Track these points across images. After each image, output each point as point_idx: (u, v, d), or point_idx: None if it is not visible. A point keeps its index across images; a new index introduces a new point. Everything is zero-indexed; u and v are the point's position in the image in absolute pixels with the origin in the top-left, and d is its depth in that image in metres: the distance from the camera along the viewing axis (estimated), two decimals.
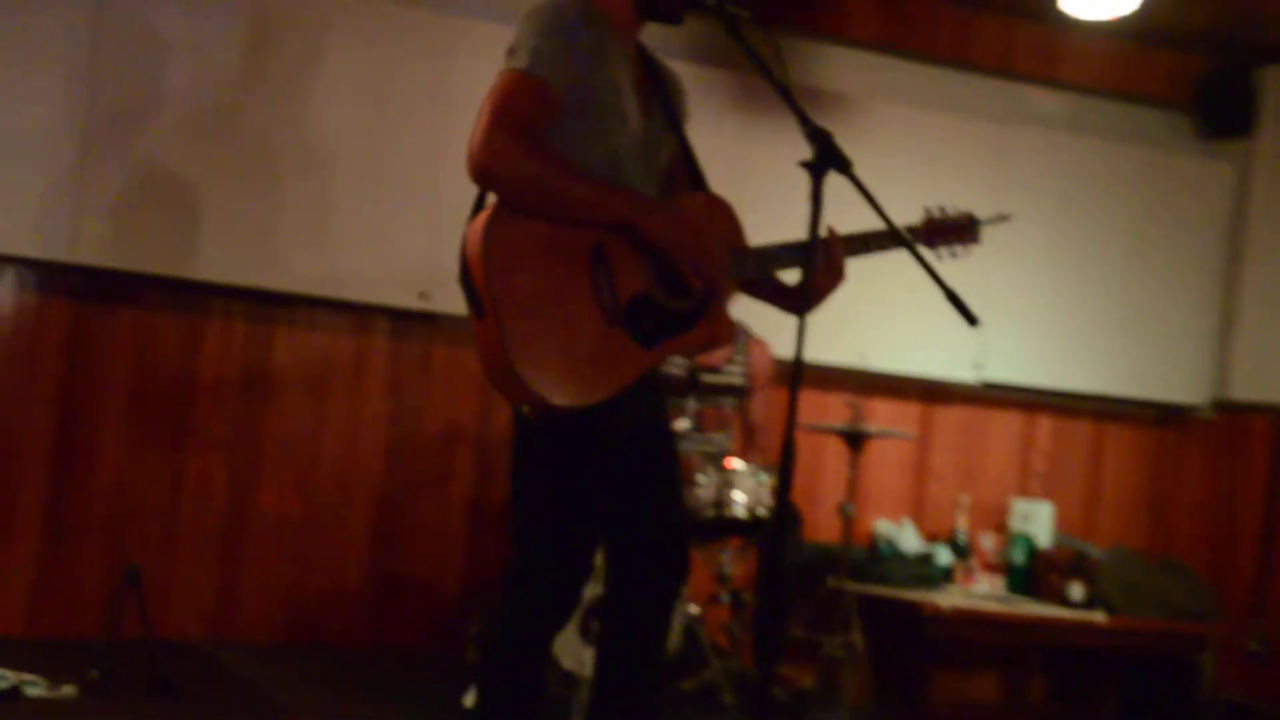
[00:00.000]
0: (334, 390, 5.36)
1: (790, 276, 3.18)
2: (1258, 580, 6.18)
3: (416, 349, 5.45)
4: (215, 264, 5.04)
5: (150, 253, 4.97)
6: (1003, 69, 6.29)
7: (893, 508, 6.23)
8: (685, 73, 3.16)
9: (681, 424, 4.58)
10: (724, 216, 3.10)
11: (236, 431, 5.21)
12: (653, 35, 3.07)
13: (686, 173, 3.16)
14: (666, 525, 3.12)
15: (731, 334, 3.07)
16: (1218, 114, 6.53)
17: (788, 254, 3.07)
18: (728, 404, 5.22)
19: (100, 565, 4.97)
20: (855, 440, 4.94)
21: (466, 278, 2.79)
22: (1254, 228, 6.48)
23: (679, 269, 2.89)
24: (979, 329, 3.09)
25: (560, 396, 2.78)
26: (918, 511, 6.26)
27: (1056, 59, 6.35)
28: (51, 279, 4.98)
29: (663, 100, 3.11)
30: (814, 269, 2.78)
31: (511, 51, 2.86)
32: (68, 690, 3.99)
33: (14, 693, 3.90)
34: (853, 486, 5.00)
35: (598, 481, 3.02)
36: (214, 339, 5.18)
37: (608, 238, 2.86)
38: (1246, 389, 6.40)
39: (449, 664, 5.02)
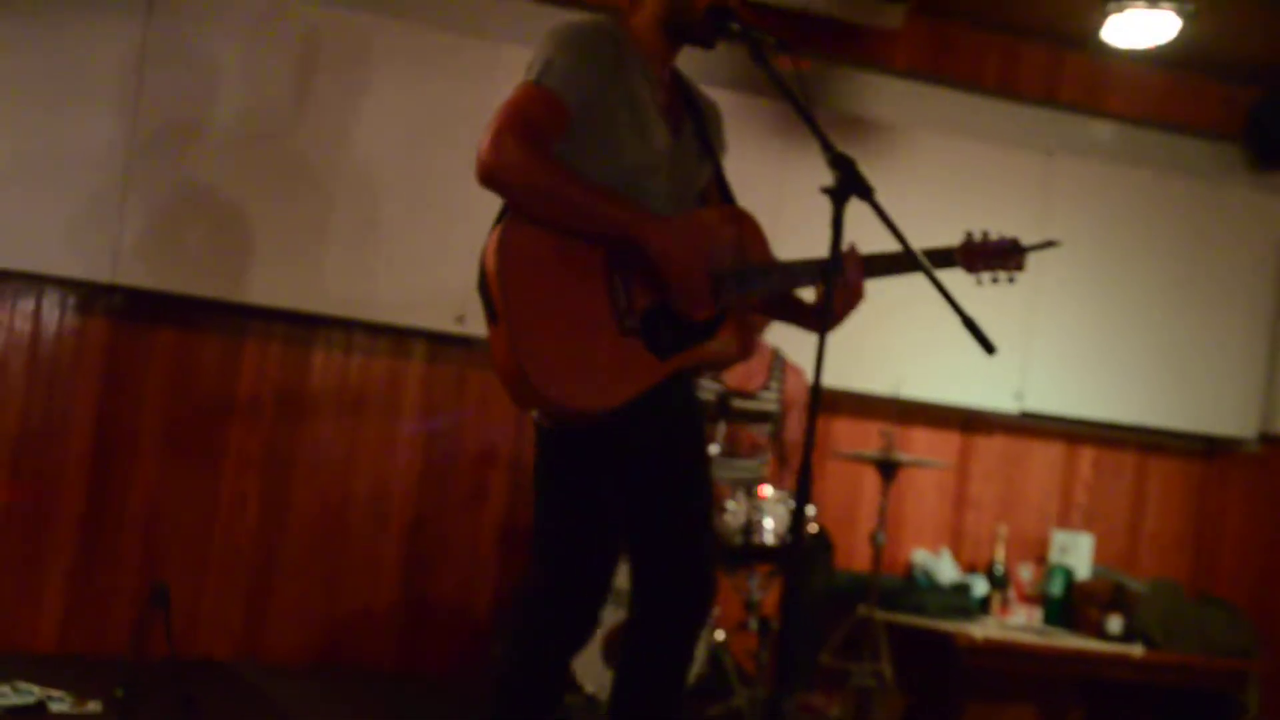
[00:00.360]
0: (369, 412, 5.38)
1: (809, 295, 3.18)
2: None
3: (452, 372, 5.47)
4: (256, 286, 5.08)
5: (190, 274, 5.03)
6: (1049, 99, 6.25)
7: (931, 537, 6.18)
8: (728, 100, 3.16)
9: (711, 449, 4.57)
10: (748, 230, 3.09)
11: (271, 452, 5.23)
12: (697, 63, 3.07)
13: (718, 197, 3.16)
14: (694, 551, 3.10)
15: (753, 348, 3.07)
16: (1268, 144, 6.46)
17: (803, 271, 3.06)
18: (762, 430, 5.20)
19: (132, 584, 5.02)
20: (888, 469, 4.90)
21: (483, 284, 2.83)
22: None
23: (674, 292, 2.89)
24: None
25: (569, 400, 2.80)
26: (956, 541, 6.21)
27: (1103, 89, 6.31)
28: (92, 299, 5.03)
29: (696, 125, 3.12)
30: (830, 289, 2.76)
31: (529, 67, 2.90)
32: (92, 706, 4.02)
33: (40, 708, 3.94)
34: (884, 515, 4.96)
35: (617, 496, 3.01)
36: (251, 360, 5.21)
37: (624, 248, 2.88)
38: None
39: (478, 690, 5.00)
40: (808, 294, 3.22)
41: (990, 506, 6.28)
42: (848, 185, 2.75)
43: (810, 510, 4.58)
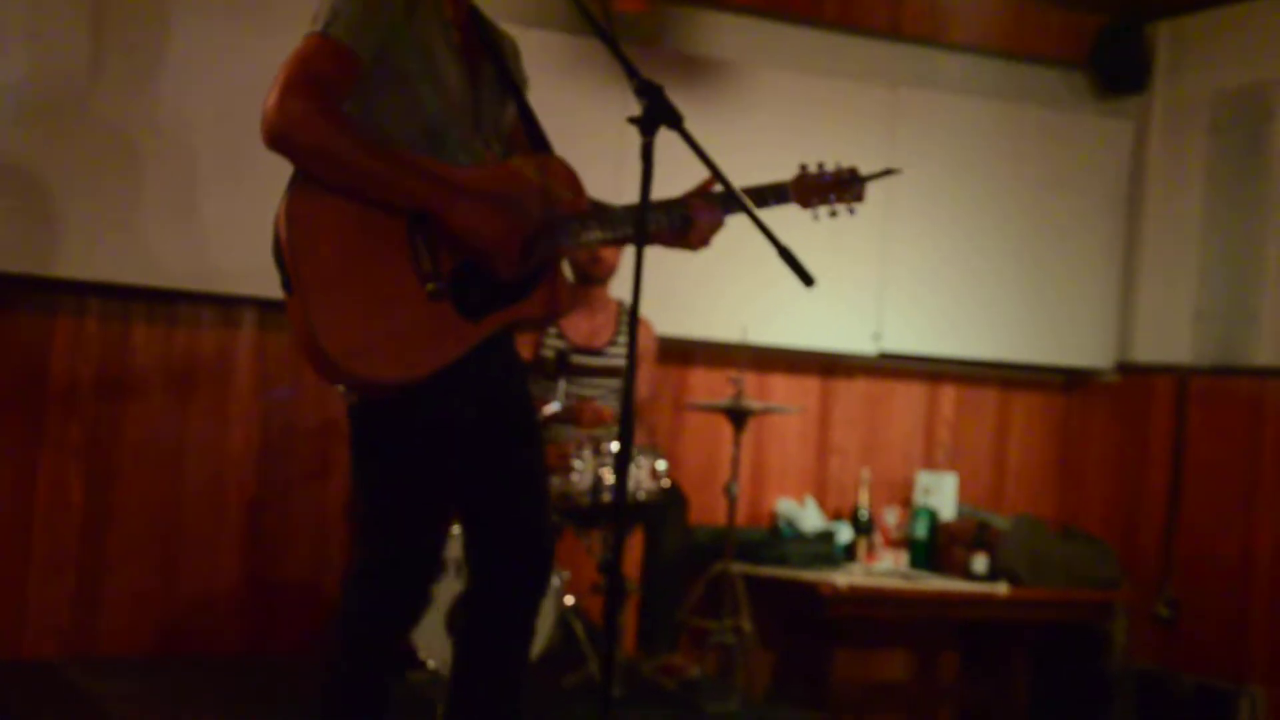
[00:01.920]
0: (198, 387, 5.10)
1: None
2: (1165, 545, 6.06)
3: (286, 341, 5.20)
4: (64, 259, 4.77)
5: None
6: (892, 32, 6.11)
7: (795, 486, 6.06)
8: (552, 42, 2.93)
9: (551, 407, 4.37)
10: (558, 176, 2.90)
11: (93, 436, 4.94)
12: (532, 3, 2.84)
13: (528, 136, 2.97)
14: (526, 517, 2.93)
15: (570, 304, 2.89)
16: (1113, 70, 6.41)
17: (620, 219, 2.87)
18: (611, 385, 5.02)
19: None
20: (738, 417, 4.74)
21: (277, 252, 2.63)
22: (1152, 184, 6.37)
23: (481, 260, 2.70)
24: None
25: (372, 372, 2.62)
26: (821, 489, 6.10)
27: (947, 21, 6.18)
28: None
29: (497, 65, 2.92)
30: (644, 233, 2.58)
31: (314, 16, 2.69)
32: None
33: None
34: (737, 465, 4.80)
35: (436, 467, 2.83)
36: (64, 338, 4.90)
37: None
38: (1149, 350, 6.29)
39: None
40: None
41: (854, 451, 6.17)
42: (656, 114, 2.58)
43: (662, 465, 4.43)
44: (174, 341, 5.07)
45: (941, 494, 5.96)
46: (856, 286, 5.93)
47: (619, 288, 5.22)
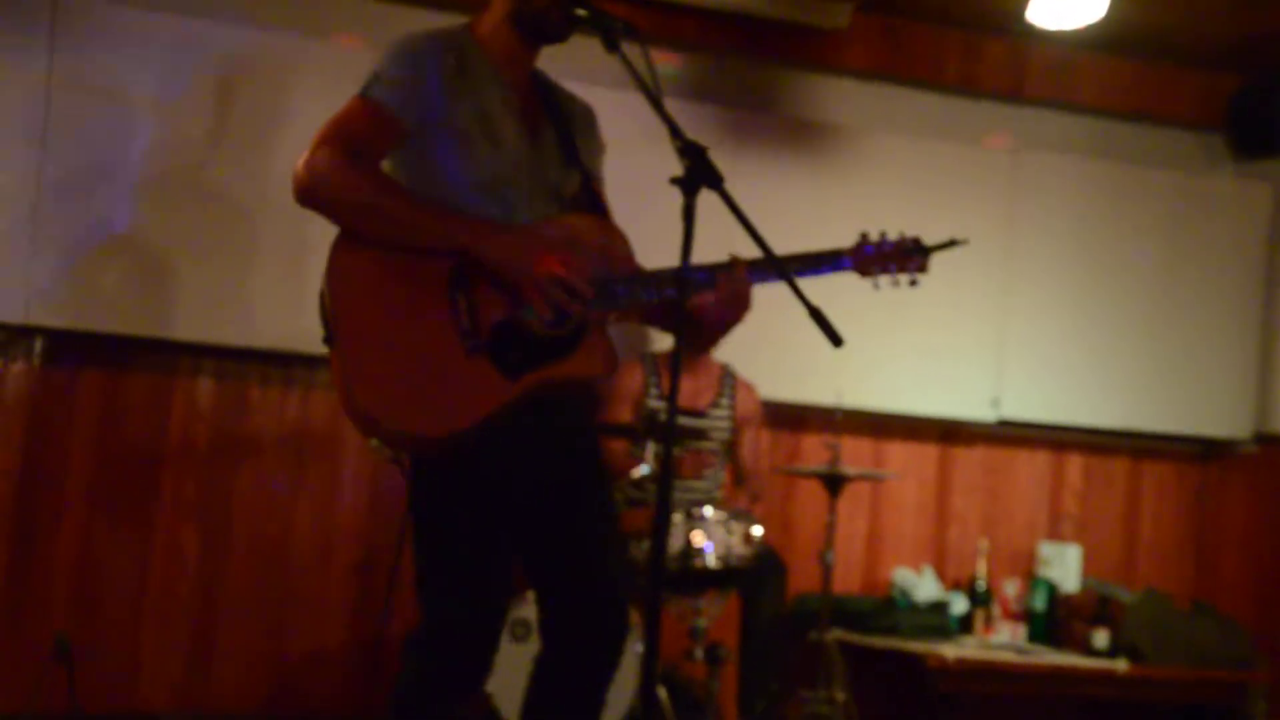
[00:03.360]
0: (310, 447, 5.20)
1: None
2: None
3: None
4: (182, 322, 4.91)
5: (111, 313, 4.86)
6: (1013, 94, 6.01)
7: (912, 555, 5.93)
8: (673, 109, 2.89)
9: (639, 470, 4.35)
10: (614, 242, 2.90)
11: (207, 495, 5.05)
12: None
13: (586, 200, 2.98)
14: (594, 582, 2.90)
15: (614, 364, 2.87)
16: (1251, 133, 6.20)
17: (666, 280, 2.86)
18: (709, 446, 4.99)
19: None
20: (834, 483, 4.66)
21: (321, 307, 2.68)
22: None
23: (522, 293, 2.71)
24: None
25: (405, 425, 2.65)
26: (939, 559, 5.96)
27: (1072, 81, 6.06)
28: (7, 344, 4.86)
29: (560, 129, 2.95)
30: (685, 292, 2.56)
31: (360, 82, 2.75)
32: None
33: None
34: (832, 531, 4.72)
35: (486, 531, 2.82)
36: (181, 399, 5.04)
37: (466, 262, 2.71)
38: None
39: None
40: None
41: (974, 520, 6.02)
42: (698, 175, 2.57)
43: (757, 530, 4.37)
44: (287, 403, 5.17)
45: (1064, 566, 5.77)
46: (976, 352, 5.82)
47: (726, 351, 5.20)
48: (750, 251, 2.76)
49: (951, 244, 3.09)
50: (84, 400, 4.95)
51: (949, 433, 5.99)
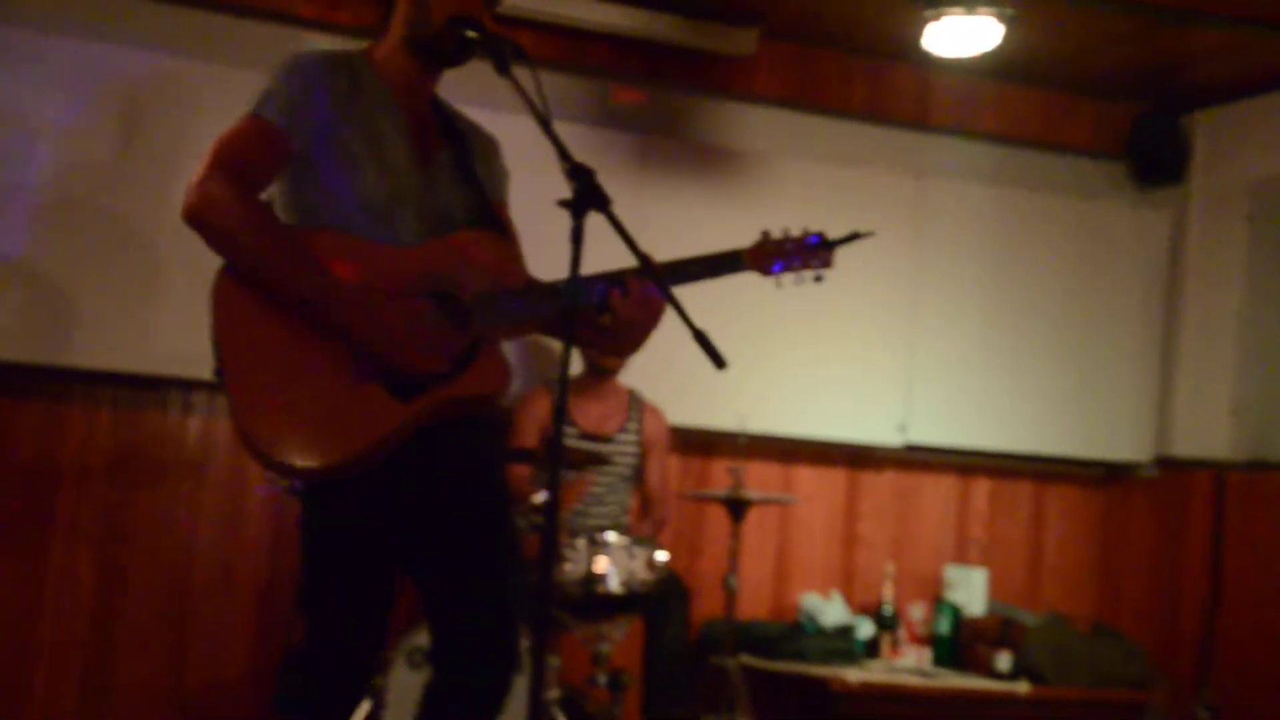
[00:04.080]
0: (212, 475, 5.13)
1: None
2: (1203, 645, 5.87)
3: None
4: (79, 349, 4.84)
5: (7, 339, 4.77)
6: (918, 121, 6.08)
7: (822, 580, 5.95)
8: (581, 135, 2.90)
9: (540, 496, 4.34)
10: (500, 254, 2.89)
11: (105, 524, 4.97)
12: (551, 96, 2.79)
13: (482, 217, 2.96)
14: (483, 608, 2.89)
15: (505, 381, 2.84)
16: (1149, 161, 6.31)
17: (555, 292, 2.85)
18: (620, 472, 4.99)
19: None
20: (736, 508, 4.68)
21: (212, 334, 2.64)
22: (1190, 275, 6.24)
23: (385, 358, 2.68)
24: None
25: (299, 457, 2.61)
26: (848, 583, 5.98)
27: (975, 110, 6.14)
28: None
29: (457, 154, 2.94)
30: (571, 309, 2.55)
31: (252, 98, 2.72)
32: None
33: None
34: (735, 556, 4.73)
35: (370, 552, 2.80)
36: (77, 426, 4.96)
37: None
38: (1188, 444, 6.13)
39: None
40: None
41: (882, 545, 6.06)
42: (585, 198, 2.56)
43: (661, 556, 4.37)
44: (186, 430, 5.11)
45: (970, 589, 5.82)
46: (883, 377, 5.86)
47: (632, 376, 5.20)
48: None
49: (855, 236, 3.06)
50: None
51: (857, 458, 6.03)
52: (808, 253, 3.03)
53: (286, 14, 5.15)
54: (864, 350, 5.84)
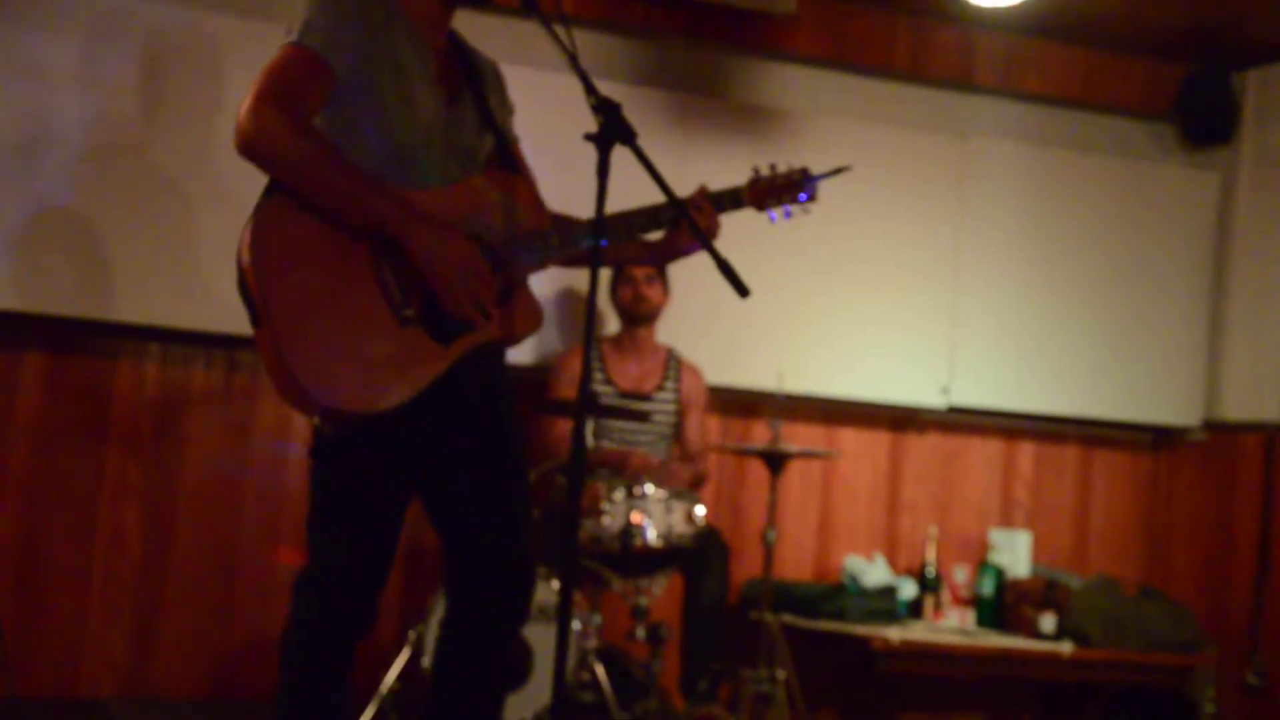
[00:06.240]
0: (256, 432, 5.17)
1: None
2: (1254, 610, 5.81)
3: None
4: (125, 304, 4.87)
5: (54, 294, 4.82)
6: (962, 81, 6.03)
7: (865, 543, 5.93)
8: (621, 94, 2.91)
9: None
10: (517, 195, 2.90)
11: (152, 479, 5.02)
12: (593, 57, 2.84)
13: (500, 158, 2.98)
14: (500, 541, 2.91)
15: (538, 319, 2.87)
16: (1199, 121, 6.24)
17: (582, 230, 2.87)
18: (658, 431, 4.99)
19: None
20: (774, 462, 4.66)
21: (242, 283, 2.64)
22: (1240, 236, 6.17)
23: (435, 292, 2.69)
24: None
25: (351, 402, 2.62)
26: (892, 546, 5.96)
27: (1020, 69, 6.08)
28: None
29: (476, 93, 2.94)
30: (598, 247, 2.56)
31: (288, 28, 2.73)
32: None
33: None
34: (773, 510, 4.71)
35: (383, 484, 2.83)
36: (125, 382, 5.01)
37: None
38: (1238, 408, 6.06)
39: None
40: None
41: (925, 508, 6.03)
42: (611, 131, 2.58)
43: (700, 510, 4.37)
44: (233, 385, 5.15)
45: (1014, 552, 5.78)
46: (926, 339, 5.83)
47: (674, 337, 5.20)
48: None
49: (838, 171, 3.16)
50: (26, 383, 4.91)
51: (901, 420, 6.00)
52: (795, 188, 3.10)
53: None
54: (907, 311, 5.81)
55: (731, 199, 3.04)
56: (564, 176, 3.39)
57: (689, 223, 2.68)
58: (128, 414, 5.01)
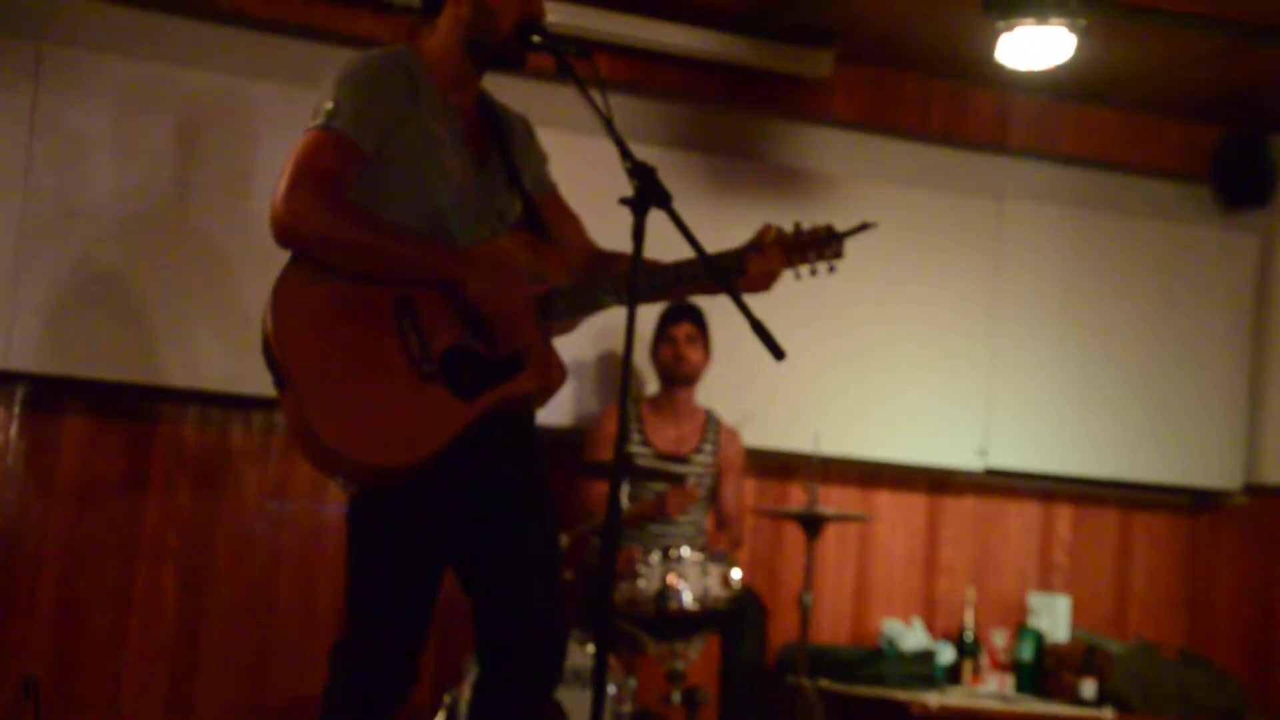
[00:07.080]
0: (293, 494, 5.18)
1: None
2: None
3: None
4: (165, 367, 4.92)
5: (93, 357, 4.86)
6: (998, 144, 6.04)
7: (902, 606, 5.89)
8: (657, 157, 2.92)
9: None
10: (542, 255, 2.92)
11: (189, 540, 5.03)
12: (629, 121, 2.88)
13: (526, 218, 3.00)
14: (529, 603, 2.91)
15: (564, 375, 2.88)
16: (1235, 184, 6.21)
17: (608, 287, 2.88)
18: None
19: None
20: (811, 525, 4.65)
21: (266, 348, 2.68)
22: (1278, 299, 6.13)
23: (490, 330, 2.72)
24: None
25: (371, 458, 2.64)
26: (929, 610, 5.92)
27: (1056, 132, 6.09)
28: None
29: (504, 154, 2.96)
30: (634, 303, 2.58)
31: (314, 110, 2.76)
32: None
33: None
34: (809, 574, 4.69)
35: (418, 548, 2.83)
36: (163, 444, 5.03)
37: (413, 290, 2.71)
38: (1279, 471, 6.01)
39: None
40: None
41: (963, 571, 5.98)
42: (646, 195, 2.59)
43: (736, 574, 4.35)
44: (270, 448, 5.17)
45: (1053, 616, 5.73)
46: (963, 401, 5.82)
47: (711, 398, 5.20)
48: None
49: (863, 228, 3.13)
50: (66, 445, 4.94)
51: (937, 482, 5.97)
52: (821, 246, 3.08)
53: (342, 32, 5.16)
54: (944, 373, 5.80)
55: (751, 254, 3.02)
56: (600, 240, 3.41)
57: (726, 288, 2.68)
58: (166, 476, 5.04)
